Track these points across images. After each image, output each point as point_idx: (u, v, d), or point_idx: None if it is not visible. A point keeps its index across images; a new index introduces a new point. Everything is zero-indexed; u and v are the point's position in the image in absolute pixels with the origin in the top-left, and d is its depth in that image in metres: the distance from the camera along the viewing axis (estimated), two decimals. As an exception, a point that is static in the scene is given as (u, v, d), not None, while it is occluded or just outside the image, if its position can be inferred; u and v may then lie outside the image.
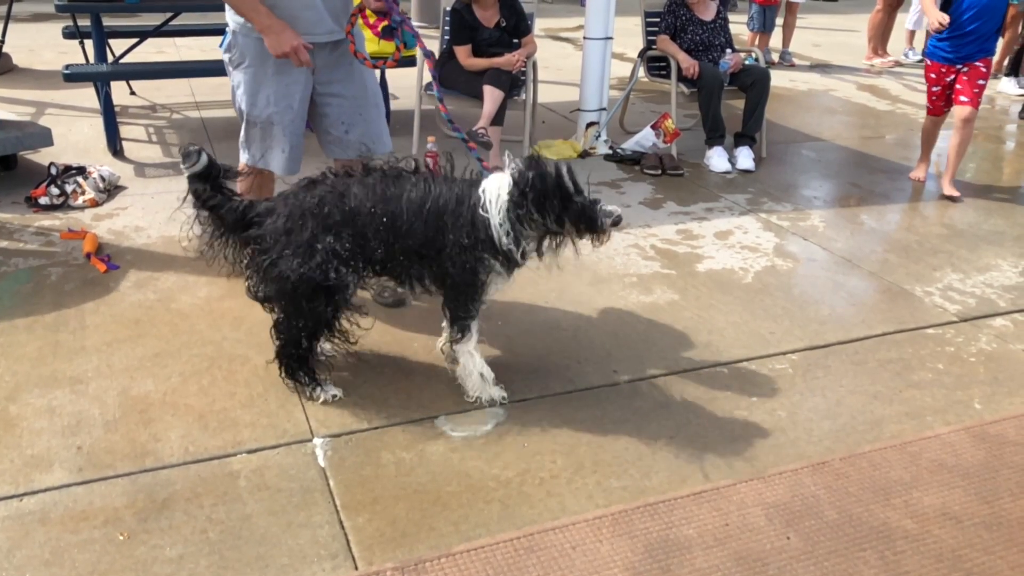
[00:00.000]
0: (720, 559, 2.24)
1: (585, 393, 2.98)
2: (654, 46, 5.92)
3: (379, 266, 2.75)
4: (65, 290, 3.55)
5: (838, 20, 13.23)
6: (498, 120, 5.17)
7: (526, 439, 2.72)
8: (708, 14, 5.81)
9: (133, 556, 2.19)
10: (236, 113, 3.35)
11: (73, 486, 2.42)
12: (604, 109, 5.92)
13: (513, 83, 5.30)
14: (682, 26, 5.76)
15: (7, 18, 7.07)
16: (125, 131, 5.64)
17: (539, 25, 8.64)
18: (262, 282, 2.73)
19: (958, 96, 5.10)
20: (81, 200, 4.45)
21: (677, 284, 3.86)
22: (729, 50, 5.82)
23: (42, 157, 5.06)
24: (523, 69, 5.41)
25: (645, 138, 5.71)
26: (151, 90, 6.81)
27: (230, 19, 3.20)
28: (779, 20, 9.24)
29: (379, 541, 2.27)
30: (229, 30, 3.23)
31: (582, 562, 2.21)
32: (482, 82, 5.14)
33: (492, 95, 5.10)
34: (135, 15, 8.54)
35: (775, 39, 9.39)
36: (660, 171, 5.41)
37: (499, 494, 2.46)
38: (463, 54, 5.33)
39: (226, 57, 3.29)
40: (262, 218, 2.70)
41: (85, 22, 5.72)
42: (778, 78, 7.91)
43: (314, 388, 2.84)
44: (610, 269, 3.97)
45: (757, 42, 8.79)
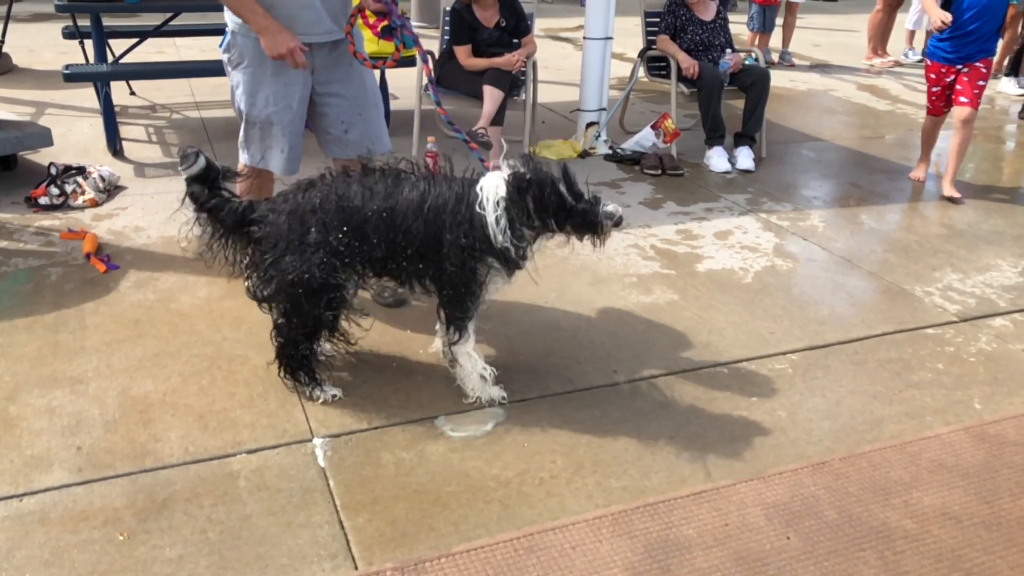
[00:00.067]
0: (720, 559, 2.24)
1: (585, 393, 2.98)
2: (654, 46, 5.92)
3: (379, 266, 2.75)
4: (65, 290, 3.55)
5: (838, 20, 13.24)
6: (498, 120, 5.17)
7: (526, 439, 2.72)
8: (708, 14, 5.81)
9: (133, 556, 2.19)
10: (235, 113, 3.35)
11: (73, 486, 2.42)
12: (604, 109, 5.93)
13: (513, 83, 5.30)
14: (682, 26, 5.76)
15: (7, 18, 7.07)
16: (125, 131, 5.64)
17: (539, 25, 8.64)
18: (262, 282, 2.73)
19: (958, 97, 5.09)
20: (81, 200, 4.45)
21: (677, 284, 3.86)
22: (729, 50, 5.82)
23: (42, 157, 5.06)
24: (523, 69, 5.41)
25: (645, 138, 5.71)
26: (151, 90, 6.82)
27: (229, 19, 3.20)
28: (779, 20, 9.24)
29: (379, 541, 2.27)
30: (228, 30, 3.23)
31: (582, 562, 2.21)
32: (482, 82, 5.14)
33: (492, 95, 5.11)
34: (135, 15, 8.54)
35: (775, 39, 9.39)
36: (660, 171, 5.41)
37: (499, 494, 2.46)
38: (463, 54, 5.33)
39: (225, 57, 3.29)
40: (262, 219, 2.71)
41: (85, 22, 5.73)
42: (778, 78, 7.91)
43: (314, 388, 2.84)
44: (610, 269, 3.97)
45: (757, 42, 8.79)
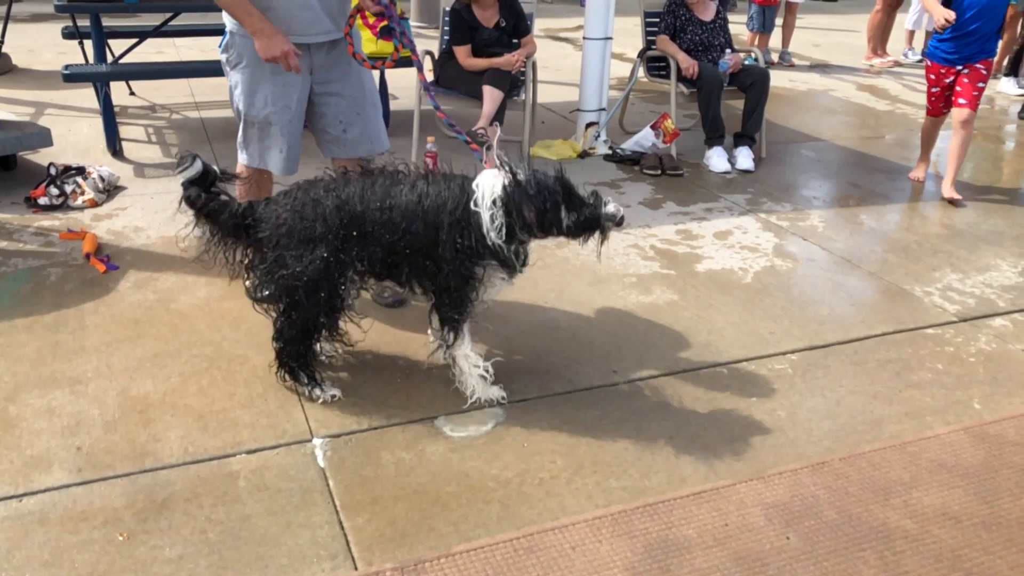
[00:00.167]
0: (720, 559, 2.24)
1: (585, 393, 2.98)
2: (654, 46, 5.92)
3: (379, 265, 2.74)
4: (64, 290, 3.54)
5: (838, 20, 13.24)
6: (498, 120, 5.17)
7: (526, 439, 2.71)
8: (708, 14, 5.81)
9: (133, 556, 2.19)
10: (234, 113, 3.35)
11: (72, 486, 2.42)
12: (604, 109, 5.93)
13: (513, 83, 5.30)
14: (682, 26, 5.76)
15: (7, 18, 7.07)
16: (124, 131, 5.64)
17: (539, 25, 8.65)
18: (263, 282, 2.73)
19: (957, 98, 5.07)
20: (80, 200, 4.45)
21: (676, 284, 3.86)
22: (729, 50, 5.83)
23: (41, 157, 5.06)
24: (522, 69, 5.41)
25: (645, 138, 5.71)
26: (150, 90, 6.82)
27: (227, 20, 3.20)
28: (779, 20, 9.24)
29: (379, 541, 2.27)
30: (227, 31, 3.23)
31: (582, 562, 2.20)
32: (482, 82, 5.14)
33: (492, 95, 5.11)
34: (135, 15, 8.54)
35: (775, 39, 9.39)
36: (659, 171, 5.41)
37: (499, 494, 2.46)
38: (462, 54, 5.33)
39: (224, 57, 3.29)
40: (261, 220, 2.71)
41: (85, 22, 5.73)
42: (777, 78, 7.91)
43: (314, 388, 2.84)
44: (609, 269, 3.97)
45: (757, 42, 8.78)
